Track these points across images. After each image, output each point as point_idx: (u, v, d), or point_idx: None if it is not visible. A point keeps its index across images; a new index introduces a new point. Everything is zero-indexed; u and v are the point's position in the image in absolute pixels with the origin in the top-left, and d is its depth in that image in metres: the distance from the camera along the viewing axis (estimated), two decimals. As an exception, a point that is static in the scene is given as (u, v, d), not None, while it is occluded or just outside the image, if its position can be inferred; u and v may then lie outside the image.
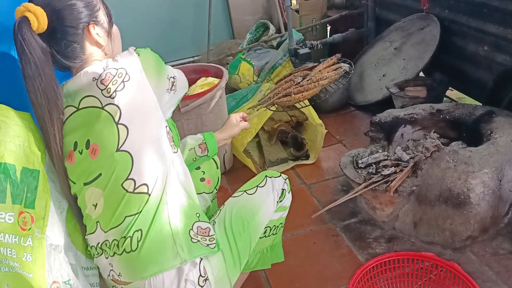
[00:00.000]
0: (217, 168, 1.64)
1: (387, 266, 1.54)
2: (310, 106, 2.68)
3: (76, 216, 1.24)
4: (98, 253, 1.21)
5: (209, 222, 1.27)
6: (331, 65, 2.23)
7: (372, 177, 1.85)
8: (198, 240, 1.20)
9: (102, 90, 1.13)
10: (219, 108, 2.38)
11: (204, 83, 2.44)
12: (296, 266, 1.82)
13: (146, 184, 1.16)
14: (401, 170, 1.82)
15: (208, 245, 1.22)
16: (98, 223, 1.19)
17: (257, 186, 1.41)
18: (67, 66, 1.19)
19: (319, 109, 2.91)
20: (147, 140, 1.17)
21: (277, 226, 1.50)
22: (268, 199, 1.40)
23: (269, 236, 1.48)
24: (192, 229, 1.21)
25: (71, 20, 1.13)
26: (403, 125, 2.13)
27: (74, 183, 1.20)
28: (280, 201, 1.46)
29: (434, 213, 1.75)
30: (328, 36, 3.89)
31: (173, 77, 1.28)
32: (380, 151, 2.02)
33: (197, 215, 1.25)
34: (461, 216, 1.69)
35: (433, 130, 2.10)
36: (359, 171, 1.93)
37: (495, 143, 1.74)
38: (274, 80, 3.36)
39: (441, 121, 2.09)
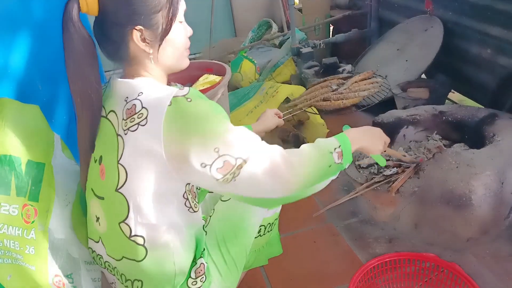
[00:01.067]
0: None
1: (388, 266, 1.53)
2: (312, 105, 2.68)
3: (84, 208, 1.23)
4: (101, 266, 1.20)
5: (201, 256, 1.17)
6: (367, 78, 2.27)
7: (374, 177, 1.86)
8: None
9: (123, 119, 1.02)
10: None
11: (206, 80, 2.43)
12: (296, 265, 1.81)
13: (142, 237, 1.06)
14: (403, 171, 1.82)
15: (202, 281, 1.17)
16: (100, 238, 1.16)
17: None
18: (110, 60, 1.11)
19: (322, 109, 2.90)
20: (148, 195, 1.04)
21: (272, 223, 1.45)
22: None
23: (264, 234, 1.44)
24: (190, 276, 1.14)
25: (118, 17, 1.02)
26: (405, 126, 2.13)
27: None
28: None
29: (435, 214, 1.75)
30: (330, 36, 3.89)
31: (233, 157, 0.97)
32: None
33: (194, 263, 1.16)
34: (462, 217, 1.69)
35: (435, 132, 2.10)
36: (361, 171, 1.94)
37: (498, 146, 1.74)
38: (276, 79, 3.37)
39: (444, 123, 2.10)
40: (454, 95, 3.01)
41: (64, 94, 1.32)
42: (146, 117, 0.98)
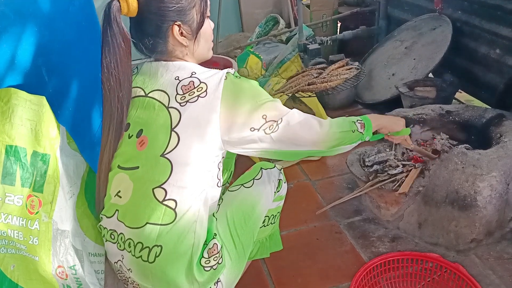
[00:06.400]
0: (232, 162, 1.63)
1: (390, 265, 1.53)
2: (318, 102, 2.69)
3: (101, 193, 1.25)
4: (109, 239, 1.21)
5: (213, 237, 1.24)
6: (342, 66, 2.44)
7: (379, 176, 1.85)
8: (211, 267, 1.19)
9: (178, 94, 1.15)
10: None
11: (213, 75, 2.43)
12: (298, 262, 1.81)
13: (175, 200, 1.14)
14: (408, 170, 1.82)
15: (218, 263, 1.21)
16: (117, 211, 1.19)
17: (254, 179, 1.41)
18: (148, 55, 1.22)
19: (327, 105, 2.90)
20: (192, 160, 1.14)
21: (275, 215, 1.51)
22: (265, 190, 1.40)
23: (268, 225, 1.49)
24: (203, 256, 1.19)
25: (159, 15, 1.14)
26: (412, 125, 2.12)
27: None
28: (278, 191, 1.47)
29: (440, 215, 1.74)
30: (338, 33, 3.87)
31: (276, 120, 1.17)
32: (388, 150, 2.01)
33: (205, 245, 1.22)
34: (467, 218, 1.68)
35: (441, 132, 2.09)
36: (366, 170, 1.93)
37: (505, 147, 1.73)
38: (282, 75, 3.36)
39: (450, 123, 2.08)
40: (461, 95, 2.99)
41: (71, 86, 1.33)
42: (205, 90, 1.14)
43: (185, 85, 1.15)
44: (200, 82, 1.15)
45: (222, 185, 1.56)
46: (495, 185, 1.64)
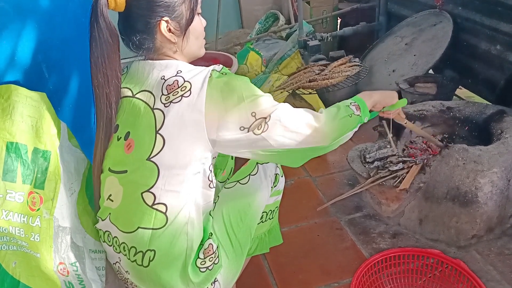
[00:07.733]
0: (232, 158, 1.61)
1: (391, 262, 1.53)
2: (319, 99, 2.69)
3: (95, 194, 1.24)
4: (106, 241, 1.21)
5: (209, 237, 1.21)
6: (344, 63, 2.45)
7: (380, 172, 1.85)
8: (207, 267, 1.18)
9: (163, 94, 1.11)
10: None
11: (213, 71, 2.43)
12: (299, 258, 1.82)
13: (165, 204, 1.11)
14: (409, 166, 1.81)
15: (214, 263, 1.20)
16: (109, 215, 1.18)
17: (249, 174, 1.38)
18: (135, 52, 1.19)
19: (327, 102, 2.90)
20: (179, 163, 1.11)
21: (273, 210, 1.48)
22: (262, 186, 1.37)
23: (266, 221, 1.46)
24: (198, 257, 1.18)
25: (146, 10, 1.11)
26: (412, 121, 2.11)
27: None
28: (275, 186, 1.44)
29: (441, 211, 1.74)
30: (338, 29, 3.87)
31: (265, 118, 1.10)
32: (388, 146, 2.01)
33: (201, 245, 1.20)
34: (468, 214, 1.68)
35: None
36: (366, 166, 1.93)
37: (506, 143, 1.73)
38: (282, 71, 3.36)
39: (451, 119, 2.08)
40: (461, 91, 2.99)
41: (71, 83, 1.32)
42: (189, 89, 1.09)
43: (169, 85, 1.12)
44: (184, 81, 1.11)
45: (223, 181, 1.55)
46: (496, 181, 1.64)
